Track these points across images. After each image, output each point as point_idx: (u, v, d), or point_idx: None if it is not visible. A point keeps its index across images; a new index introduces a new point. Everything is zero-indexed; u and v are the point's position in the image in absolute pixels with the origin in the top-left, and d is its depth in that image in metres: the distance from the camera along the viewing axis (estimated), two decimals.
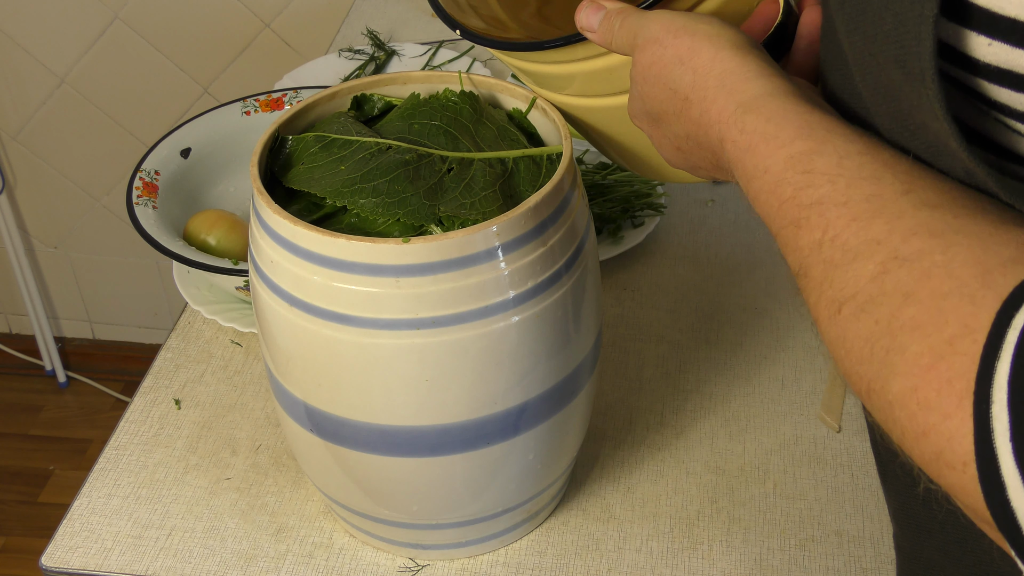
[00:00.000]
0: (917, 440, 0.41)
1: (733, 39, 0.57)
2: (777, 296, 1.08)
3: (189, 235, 1.04)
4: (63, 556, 0.86)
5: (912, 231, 0.43)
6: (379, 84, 0.83)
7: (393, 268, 0.68)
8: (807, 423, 0.95)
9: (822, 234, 0.46)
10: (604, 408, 0.97)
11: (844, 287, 0.44)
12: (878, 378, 0.42)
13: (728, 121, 0.54)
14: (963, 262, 0.41)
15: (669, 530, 0.87)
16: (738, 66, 0.55)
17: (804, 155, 0.48)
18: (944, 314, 0.40)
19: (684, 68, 0.58)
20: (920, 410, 0.40)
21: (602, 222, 1.12)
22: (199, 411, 0.98)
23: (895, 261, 0.43)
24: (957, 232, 0.42)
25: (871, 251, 0.44)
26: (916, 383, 0.40)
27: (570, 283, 0.74)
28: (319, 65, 1.44)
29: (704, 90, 0.56)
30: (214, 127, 1.14)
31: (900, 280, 0.42)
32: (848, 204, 0.46)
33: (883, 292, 0.43)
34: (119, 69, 1.98)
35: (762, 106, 0.52)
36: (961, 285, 0.40)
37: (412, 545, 0.84)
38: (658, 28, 0.60)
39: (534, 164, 0.76)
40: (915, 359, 0.40)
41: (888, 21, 0.45)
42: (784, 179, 0.49)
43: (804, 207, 0.47)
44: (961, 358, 0.39)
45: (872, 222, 0.44)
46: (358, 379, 0.72)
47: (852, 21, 0.49)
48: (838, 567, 0.84)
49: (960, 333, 0.39)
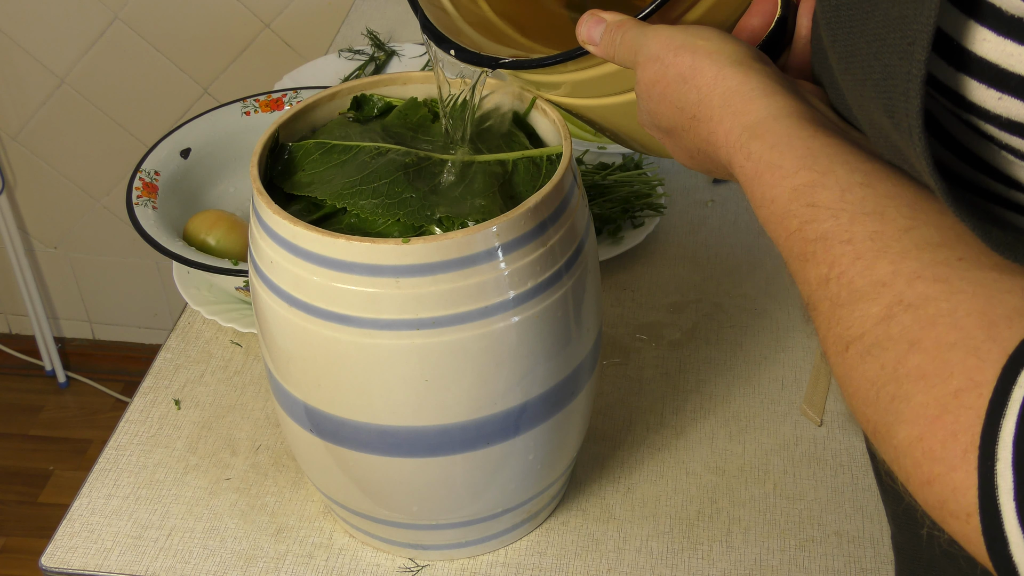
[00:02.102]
0: (922, 487, 0.41)
1: (733, 55, 0.57)
2: (777, 296, 1.08)
3: (189, 235, 1.04)
4: (63, 556, 0.86)
5: (916, 274, 0.43)
6: (379, 84, 0.83)
7: (393, 268, 0.68)
8: (807, 423, 0.95)
9: (828, 270, 0.47)
10: (604, 408, 0.97)
11: (850, 327, 0.45)
12: (884, 423, 0.43)
13: (734, 145, 0.54)
14: (967, 311, 0.41)
15: (669, 530, 0.87)
16: (740, 84, 0.55)
17: (807, 187, 0.49)
18: (949, 365, 0.40)
19: (688, 87, 0.58)
20: (925, 459, 0.41)
21: (602, 222, 1.12)
22: (199, 411, 0.98)
23: (900, 306, 0.43)
24: (961, 277, 0.42)
25: (876, 293, 0.44)
26: (922, 432, 0.41)
27: (570, 283, 0.74)
28: (319, 65, 1.44)
29: (710, 109, 0.56)
30: (214, 127, 1.14)
31: (905, 326, 0.43)
32: (852, 242, 0.46)
33: (889, 337, 0.43)
34: (119, 69, 1.98)
35: (766, 131, 0.52)
36: (966, 336, 0.41)
37: (412, 545, 0.84)
38: (658, 46, 0.59)
39: (534, 165, 0.76)
40: (921, 409, 0.41)
41: (877, 71, 0.45)
42: (789, 211, 0.50)
43: (810, 241, 0.48)
44: (966, 412, 0.39)
45: (876, 262, 0.45)
46: (358, 379, 0.72)
47: (843, 60, 0.49)
48: (838, 567, 0.84)
49: (965, 386, 0.40)
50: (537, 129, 0.81)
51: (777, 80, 0.56)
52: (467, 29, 0.75)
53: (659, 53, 0.59)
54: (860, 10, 0.47)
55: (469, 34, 0.74)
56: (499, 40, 0.76)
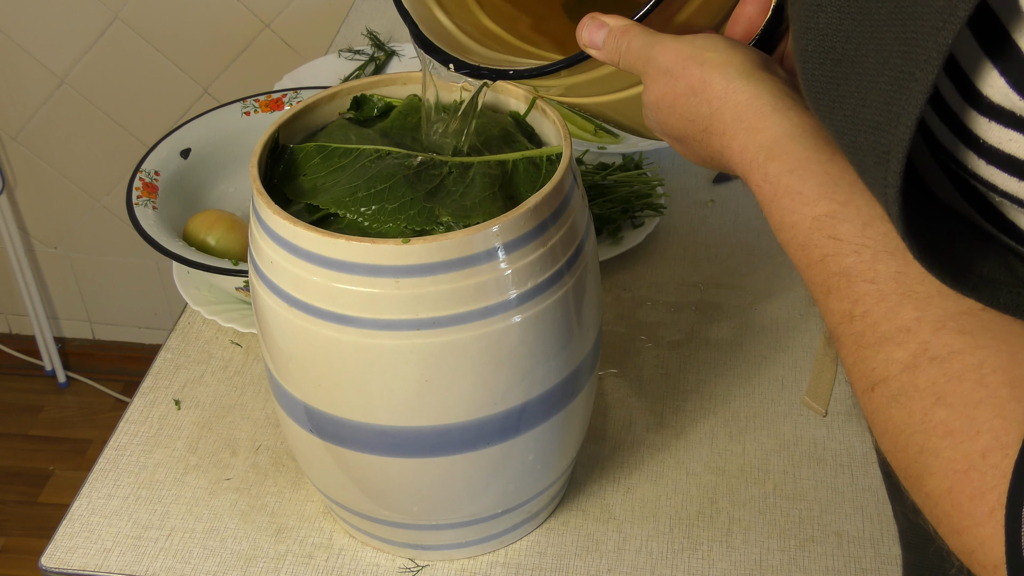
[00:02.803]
0: (951, 535, 0.43)
1: (741, 66, 0.57)
2: (777, 296, 1.08)
3: (188, 235, 1.04)
4: (63, 556, 0.86)
5: (941, 323, 0.44)
6: (379, 84, 0.83)
7: (393, 269, 0.68)
8: (807, 423, 0.95)
9: (852, 306, 0.48)
10: (604, 408, 0.97)
11: (875, 368, 0.46)
12: (913, 470, 0.45)
13: (750, 164, 0.54)
14: (993, 368, 0.42)
15: (669, 531, 0.87)
16: (752, 98, 0.55)
17: (828, 218, 0.49)
18: (976, 423, 0.42)
19: (699, 100, 0.58)
20: (954, 511, 0.42)
21: (602, 222, 1.12)
22: (199, 411, 0.98)
23: (926, 356, 0.44)
24: (985, 329, 0.44)
25: (902, 338, 0.45)
26: (951, 486, 0.42)
27: (570, 283, 0.74)
28: (319, 65, 1.44)
29: (722, 123, 0.56)
30: (214, 127, 1.14)
31: (931, 378, 0.44)
32: (876, 281, 0.47)
33: (915, 387, 0.44)
34: (119, 69, 1.98)
35: (783, 153, 0.52)
36: (992, 395, 0.42)
37: (412, 546, 0.84)
38: (667, 59, 0.59)
39: (534, 165, 0.76)
40: (949, 464, 0.43)
41: (855, 159, 0.45)
42: (811, 241, 0.50)
43: (832, 274, 0.49)
44: (993, 471, 0.41)
45: (901, 307, 0.46)
46: (358, 380, 0.72)
47: (828, 129, 0.49)
48: (838, 567, 0.84)
49: (992, 446, 0.41)
50: (537, 129, 0.81)
51: (787, 92, 0.56)
52: (463, 39, 0.74)
53: (668, 66, 0.59)
54: (828, 98, 0.47)
55: (465, 43, 0.74)
56: (497, 46, 0.75)
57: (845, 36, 0.45)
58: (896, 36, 0.41)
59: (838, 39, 0.45)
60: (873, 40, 0.43)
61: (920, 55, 0.39)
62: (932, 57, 0.39)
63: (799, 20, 0.49)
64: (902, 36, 0.41)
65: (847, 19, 0.45)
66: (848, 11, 0.45)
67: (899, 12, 0.41)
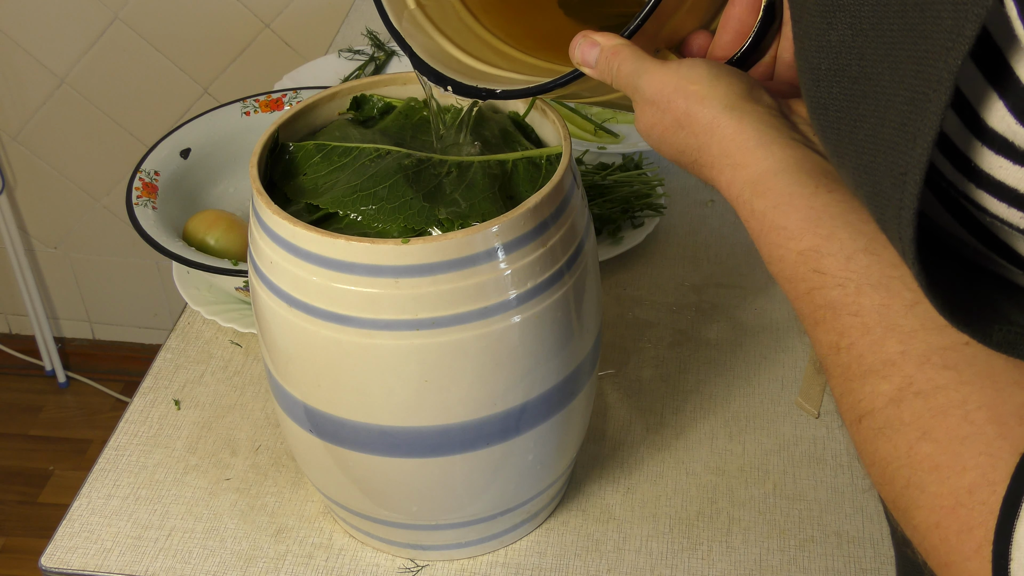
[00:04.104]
0: (940, 567, 0.43)
1: (725, 99, 0.57)
2: (777, 296, 1.08)
3: (188, 235, 1.04)
4: (63, 556, 0.86)
5: (925, 357, 0.45)
6: (379, 84, 0.83)
7: (392, 269, 0.68)
8: (807, 423, 0.95)
9: (838, 338, 0.48)
10: (604, 408, 0.97)
11: (862, 401, 0.47)
12: (900, 503, 0.45)
13: (737, 199, 0.55)
14: (978, 405, 0.43)
15: (669, 531, 0.87)
16: (736, 133, 0.55)
17: (812, 252, 0.50)
18: (962, 459, 0.42)
19: (686, 133, 0.58)
20: (942, 545, 0.43)
21: (602, 222, 1.12)
22: (199, 412, 0.98)
23: (911, 390, 0.44)
24: (969, 364, 0.44)
25: (887, 371, 0.46)
26: (938, 520, 0.43)
27: (570, 283, 0.74)
28: (319, 65, 1.44)
29: (710, 157, 0.57)
30: (214, 127, 1.14)
31: (917, 413, 0.44)
32: (860, 314, 0.47)
33: (901, 421, 0.45)
34: (119, 69, 1.98)
35: (767, 189, 0.53)
36: (977, 431, 0.42)
37: (412, 546, 0.84)
38: (652, 91, 0.59)
39: (533, 165, 0.76)
40: (936, 499, 0.43)
41: (867, 184, 0.45)
42: (797, 274, 0.51)
43: (819, 307, 0.49)
44: (980, 507, 0.41)
45: (885, 340, 0.46)
46: (358, 380, 0.72)
47: (833, 156, 0.49)
48: (838, 567, 0.84)
49: (979, 483, 0.41)
50: (537, 129, 0.81)
51: (771, 124, 0.56)
52: (459, 55, 0.74)
53: (653, 98, 0.59)
54: (848, 117, 0.46)
55: (463, 59, 0.74)
56: (495, 58, 0.75)
57: (859, 54, 0.45)
58: (909, 54, 0.41)
59: (852, 57, 0.45)
60: (887, 58, 0.43)
61: (932, 75, 0.39)
62: (943, 78, 0.39)
63: (808, 38, 0.49)
64: (914, 55, 0.40)
65: (859, 36, 0.45)
66: (860, 28, 0.44)
67: (911, 30, 0.41)
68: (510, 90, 0.68)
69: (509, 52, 0.76)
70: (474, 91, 0.70)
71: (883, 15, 0.43)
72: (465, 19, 0.77)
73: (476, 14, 0.77)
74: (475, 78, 0.71)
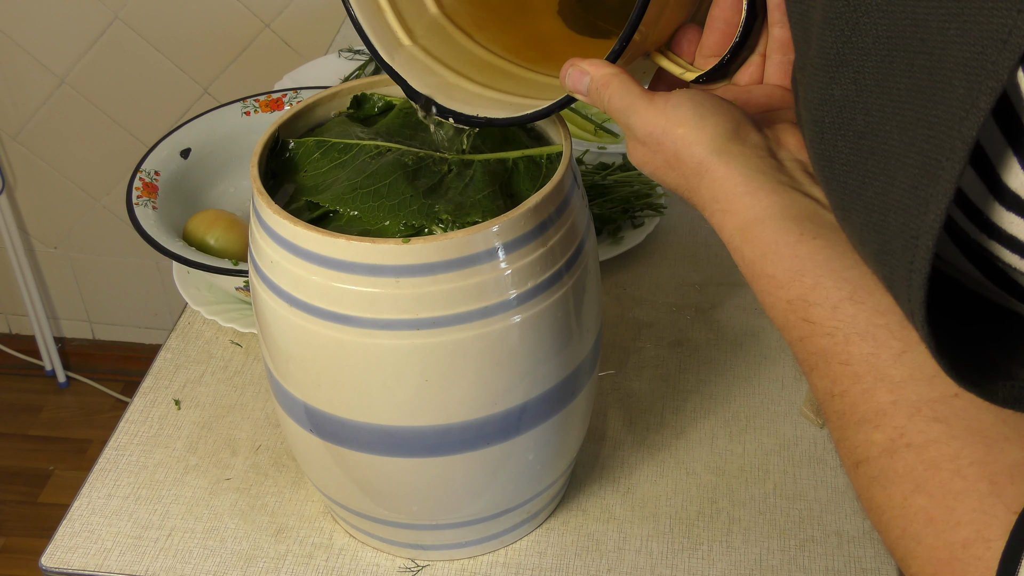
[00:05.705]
0: None
1: (712, 142, 0.57)
2: None
3: (188, 235, 1.04)
4: (63, 556, 0.86)
5: (915, 408, 0.45)
6: (379, 84, 0.83)
7: (393, 268, 0.68)
8: (807, 423, 0.95)
9: (831, 385, 0.49)
10: (604, 408, 0.97)
11: (857, 448, 0.47)
12: (897, 551, 0.46)
13: (728, 243, 0.56)
14: (969, 461, 0.43)
15: (669, 531, 0.87)
16: (724, 179, 0.56)
17: (800, 302, 0.50)
18: (956, 514, 0.43)
19: (676, 173, 0.59)
20: None
21: (602, 222, 1.12)
22: (199, 411, 0.98)
23: (902, 441, 0.45)
24: (960, 418, 0.44)
25: (879, 421, 0.46)
26: (935, 572, 0.43)
27: (570, 283, 0.74)
28: (319, 65, 1.44)
29: (700, 199, 0.57)
30: (214, 127, 1.14)
31: (910, 465, 0.45)
32: (849, 363, 0.48)
33: (895, 472, 0.45)
34: (119, 69, 1.98)
35: (755, 237, 0.53)
36: (970, 487, 0.43)
37: (412, 546, 0.84)
38: (641, 131, 0.60)
39: (534, 164, 0.76)
40: (931, 551, 0.43)
41: (875, 242, 0.44)
42: (788, 322, 0.51)
43: (811, 354, 0.50)
44: (976, 563, 0.42)
45: (875, 389, 0.46)
46: (358, 379, 0.72)
47: (837, 210, 0.48)
48: (838, 567, 0.84)
49: (973, 539, 0.42)
50: (537, 128, 0.81)
51: (758, 168, 0.56)
52: (459, 81, 0.75)
53: (643, 139, 0.60)
54: (855, 172, 0.46)
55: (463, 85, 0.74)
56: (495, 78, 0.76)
57: (864, 109, 0.44)
58: (919, 117, 0.40)
59: (857, 112, 0.45)
60: (895, 116, 0.42)
61: (945, 144, 0.39)
62: (957, 147, 0.38)
63: (812, 90, 0.48)
64: (925, 119, 0.40)
65: (863, 92, 0.44)
66: (863, 84, 0.44)
67: (919, 91, 0.40)
68: (509, 118, 0.70)
69: (509, 69, 0.76)
70: (468, 119, 0.71)
71: (888, 72, 0.42)
72: (461, 41, 0.77)
73: (470, 33, 0.78)
74: (474, 105, 0.72)
